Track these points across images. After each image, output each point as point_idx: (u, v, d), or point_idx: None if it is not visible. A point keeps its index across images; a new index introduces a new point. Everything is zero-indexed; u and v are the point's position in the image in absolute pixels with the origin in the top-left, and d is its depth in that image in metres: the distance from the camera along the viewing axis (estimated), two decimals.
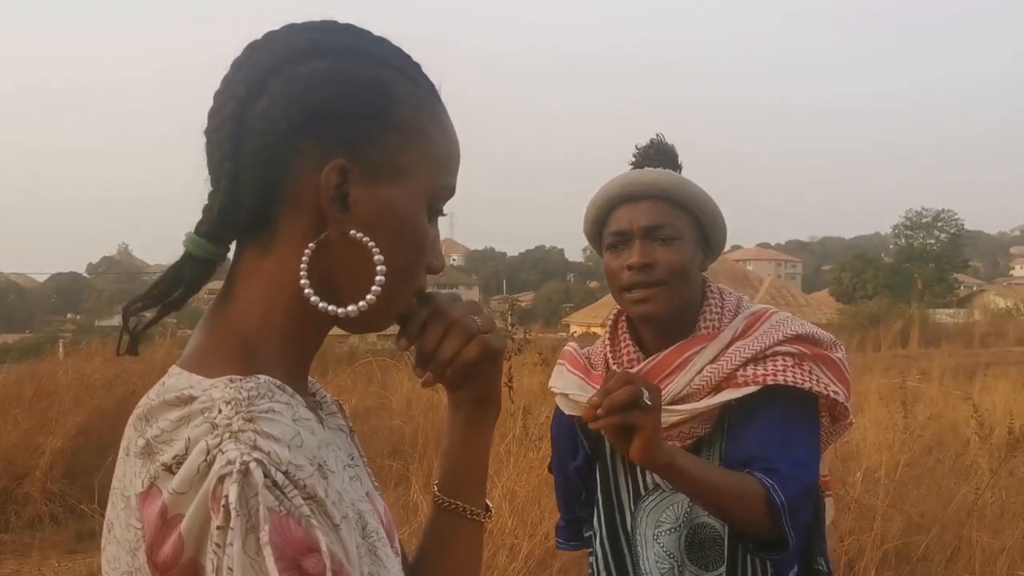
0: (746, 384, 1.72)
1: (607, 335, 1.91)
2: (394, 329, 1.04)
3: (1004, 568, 4.71)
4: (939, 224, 63.45)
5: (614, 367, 1.84)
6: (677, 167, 1.87)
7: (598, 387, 1.79)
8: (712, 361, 1.75)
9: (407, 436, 7.58)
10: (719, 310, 1.83)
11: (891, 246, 70.32)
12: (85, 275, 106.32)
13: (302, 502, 0.76)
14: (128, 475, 0.83)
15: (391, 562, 0.91)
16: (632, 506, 1.85)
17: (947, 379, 11.67)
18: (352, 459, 0.99)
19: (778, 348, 1.74)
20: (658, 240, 1.77)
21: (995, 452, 6.06)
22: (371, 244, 0.91)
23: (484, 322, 1.03)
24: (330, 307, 0.91)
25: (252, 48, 0.93)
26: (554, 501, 4.73)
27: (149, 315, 0.95)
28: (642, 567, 1.82)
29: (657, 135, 1.90)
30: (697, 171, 1.89)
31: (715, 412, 1.75)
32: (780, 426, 1.70)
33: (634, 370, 1.77)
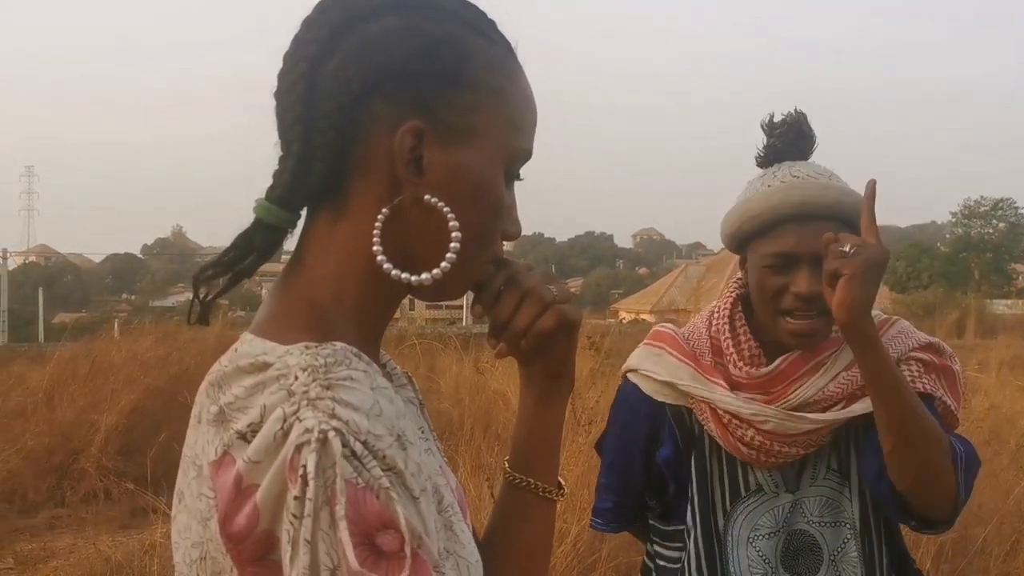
0: None
1: (722, 324, 1.78)
2: (443, 314, 1.00)
3: None
4: (998, 213, 62.14)
5: (736, 365, 1.72)
6: (815, 145, 1.76)
7: (714, 380, 1.72)
8: (847, 368, 1.66)
9: (455, 419, 7.58)
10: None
11: (947, 235, 69.12)
12: (140, 256, 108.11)
13: (381, 473, 0.73)
14: (200, 443, 0.81)
15: (466, 537, 0.88)
16: (728, 506, 1.75)
17: (1005, 370, 11.40)
18: (423, 432, 0.96)
19: (911, 354, 1.69)
20: None
21: None
22: (446, 209, 0.87)
23: (560, 292, 0.99)
24: (403, 275, 0.88)
25: (323, 5, 0.90)
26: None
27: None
28: (732, 570, 1.73)
29: (796, 110, 1.76)
30: (746, 156, 1.79)
31: (841, 422, 1.68)
32: None
33: (762, 371, 1.70)
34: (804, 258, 1.63)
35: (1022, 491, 5.27)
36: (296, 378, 0.76)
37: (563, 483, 1.08)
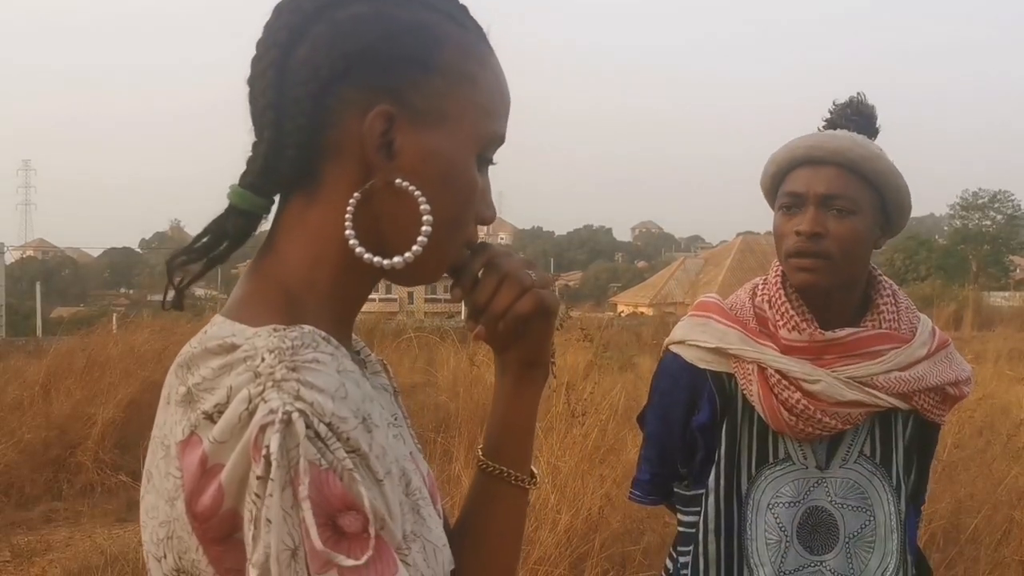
0: (916, 406, 1.77)
1: (775, 291, 1.80)
2: (441, 307, 1.00)
3: None
4: (995, 205, 62.05)
5: (796, 328, 1.74)
6: (874, 131, 1.79)
7: (764, 344, 1.75)
8: (902, 369, 1.74)
9: (452, 412, 7.60)
10: (894, 308, 1.78)
11: (945, 228, 69.09)
12: (138, 250, 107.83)
13: (345, 455, 0.74)
14: (168, 423, 0.82)
15: (434, 522, 0.89)
16: (753, 470, 1.79)
17: (1001, 362, 11.43)
18: (396, 419, 0.97)
19: (948, 388, 1.79)
20: (833, 210, 1.70)
21: None
22: (417, 193, 0.88)
23: (539, 277, 0.99)
24: (376, 258, 0.88)
25: None
26: (596, 476, 4.77)
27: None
28: (748, 532, 1.78)
29: (858, 94, 1.81)
30: (733, 148, 1.78)
31: (885, 408, 1.75)
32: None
33: (827, 335, 1.73)
34: (810, 199, 1.70)
35: (1013, 480, 5.30)
36: (263, 360, 0.77)
37: (536, 472, 1.08)
